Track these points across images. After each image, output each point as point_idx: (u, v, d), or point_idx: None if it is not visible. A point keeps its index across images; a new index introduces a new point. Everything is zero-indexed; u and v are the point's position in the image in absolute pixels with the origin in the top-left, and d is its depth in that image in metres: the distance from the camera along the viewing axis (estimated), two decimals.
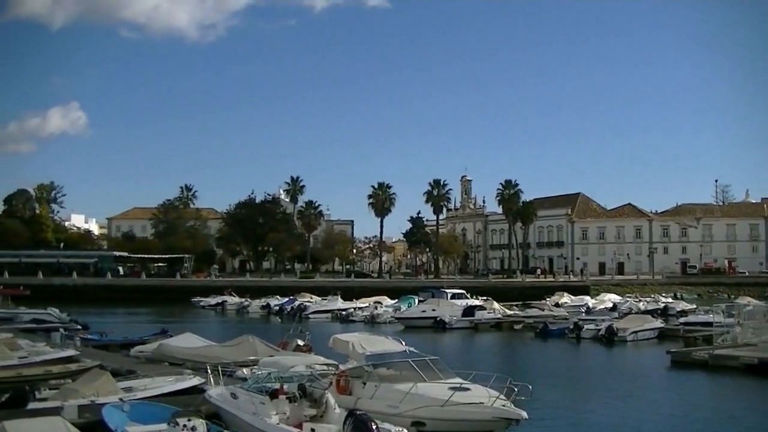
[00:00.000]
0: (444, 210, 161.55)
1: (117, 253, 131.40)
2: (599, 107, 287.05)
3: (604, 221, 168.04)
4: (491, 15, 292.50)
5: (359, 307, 79.99)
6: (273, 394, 20.10)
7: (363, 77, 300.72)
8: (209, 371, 25.23)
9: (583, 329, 57.44)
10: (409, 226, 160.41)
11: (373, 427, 17.55)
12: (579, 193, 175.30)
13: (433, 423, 21.05)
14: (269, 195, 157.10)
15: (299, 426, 19.33)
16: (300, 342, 36.99)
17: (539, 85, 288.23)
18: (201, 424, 18.15)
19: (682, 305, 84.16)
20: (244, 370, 28.51)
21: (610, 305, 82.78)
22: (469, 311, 69.38)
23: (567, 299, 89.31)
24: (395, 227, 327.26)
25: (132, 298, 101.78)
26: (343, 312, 78.98)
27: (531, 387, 21.73)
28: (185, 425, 17.85)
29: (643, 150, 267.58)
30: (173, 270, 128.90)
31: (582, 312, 76.63)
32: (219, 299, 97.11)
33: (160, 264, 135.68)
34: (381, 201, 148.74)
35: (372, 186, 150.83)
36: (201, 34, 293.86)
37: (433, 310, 70.23)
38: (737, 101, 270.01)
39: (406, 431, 19.44)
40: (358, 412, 18.46)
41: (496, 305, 73.46)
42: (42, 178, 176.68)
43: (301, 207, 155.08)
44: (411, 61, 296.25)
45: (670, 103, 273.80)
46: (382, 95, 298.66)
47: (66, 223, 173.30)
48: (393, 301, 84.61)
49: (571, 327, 58.67)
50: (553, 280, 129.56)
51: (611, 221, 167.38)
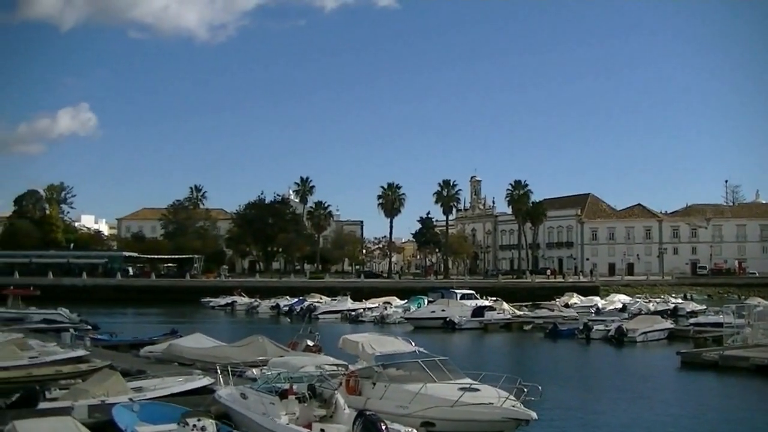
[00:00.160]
0: (453, 210, 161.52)
1: (127, 254, 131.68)
2: (609, 108, 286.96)
3: (613, 222, 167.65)
4: (501, 16, 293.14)
5: (369, 308, 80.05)
6: (283, 394, 20.09)
7: (372, 78, 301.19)
8: (219, 371, 25.25)
9: (593, 330, 57.38)
10: (419, 226, 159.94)
11: (383, 428, 17.54)
12: (589, 194, 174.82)
13: (443, 423, 21.04)
14: (279, 195, 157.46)
15: (309, 426, 19.32)
16: (309, 342, 37.00)
17: (549, 86, 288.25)
18: (211, 424, 18.16)
19: (692, 306, 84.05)
20: (253, 370, 28.54)
21: (619, 306, 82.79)
22: (479, 312, 69.39)
23: (576, 300, 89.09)
24: (405, 228, 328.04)
25: (141, 298, 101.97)
26: (353, 312, 79.09)
27: (540, 387, 21.72)
28: (195, 425, 17.87)
29: (653, 150, 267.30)
30: (183, 270, 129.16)
31: (592, 313, 76.59)
32: (228, 300, 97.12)
33: (169, 264, 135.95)
34: (390, 201, 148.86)
35: (381, 186, 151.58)
36: (210, 34, 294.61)
37: (443, 310, 70.28)
38: (747, 102, 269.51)
39: (415, 431, 19.47)
40: (367, 412, 18.46)
41: (505, 306, 73.40)
42: (52, 178, 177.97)
43: (311, 207, 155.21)
44: (421, 62, 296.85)
45: (680, 104, 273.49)
46: (391, 96, 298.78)
47: (76, 224, 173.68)
48: (402, 302, 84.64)
49: (581, 328, 58.60)
50: (563, 280, 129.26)
51: (621, 222, 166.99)
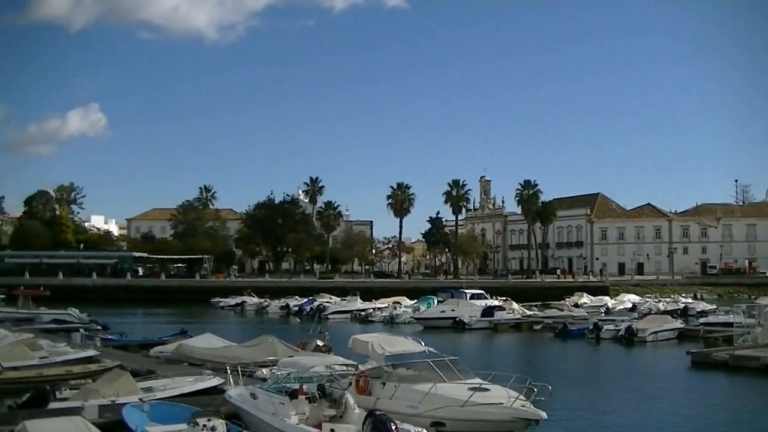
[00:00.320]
0: (463, 210, 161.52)
1: (136, 254, 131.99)
2: (619, 108, 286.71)
3: (623, 221, 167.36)
4: (510, 16, 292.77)
5: (378, 308, 79.97)
6: (292, 394, 20.10)
7: (382, 77, 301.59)
8: (229, 371, 25.30)
9: (603, 330, 57.23)
10: (429, 226, 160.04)
11: (393, 428, 17.54)
12: (598, 194, 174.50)
13: (453, 423, 21.04)
14: (288, 196, 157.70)
15: (318, 426, 19.33)
16: (319, 342, 37.03)
17: (558, 86, 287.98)
18: (221, 424, 18.17)
19: (702, 306, 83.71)
20: (263, 370, 28.56)
21: (629, 306, 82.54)
22: (489, 312, 69.26)
23: (586, 300, 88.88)
24: (414, 227, 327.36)
25: (151, 298, 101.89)
26: (363, 312, 79.04)
27: (550, 387, 21.69)
28: (205, 425, 17.88)
29: (663, 150, 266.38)
30: (192, 271, 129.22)
31: (601, 312, 76.38)
32: (238, 300, 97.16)
33: (179, 265, 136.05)
34: (400, 201, 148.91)
35: (391, 186, 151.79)
36: (220, 35, 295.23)
37: (453, 310, 70.21)
38: (757, 101, 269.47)
39: (425, 431, 19.45)
40: (377, 412, 18.46)
41: (515, 306, 73.25)
42: (62, 179, 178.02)
43: (320, 207, 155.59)
44: (430, 62, 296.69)
45: (690, 103, 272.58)
46: (401, 95, 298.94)
47: (86, 224, 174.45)
48: (412, 302, 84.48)
49: (591, 327, 58.46)
50: (573, 280, 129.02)
51: (631, 221, 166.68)
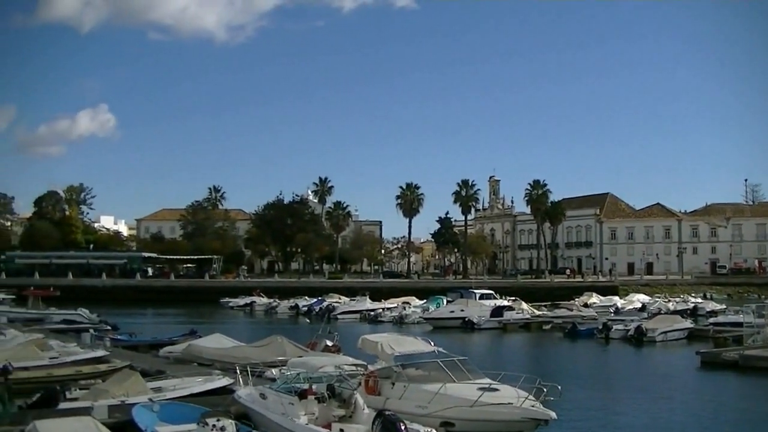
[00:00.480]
0: (472, 210, 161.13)
1: (146, 254, 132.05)
2: (628, 107, 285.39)
3: (632, 221, 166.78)
4: (519, 16, 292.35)
5: (388, 308, 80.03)
6: (302, 394, 20.12)
7: (391, 78, 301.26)
8: (238, 372, 25.34)
9: (612, 329, 57.24)
10: (438, 226, 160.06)
11: (402, 428, 17.55)
12: (607, 193, 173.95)
13: (462, 423, 21.04)
14: (297, 196, 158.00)
15: (328, 426, 19.35)
16: (329, 342, 37.07)
17: (567, 86, 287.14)
18: (230, 424, 18.19)
19: (711, 305, 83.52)
20: (273, 370, 28.59)
21: (638, 305, 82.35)
22: (498, 311, 69.23)
23: (596, 299, 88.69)
24: (423, 227, 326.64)
25: (161, 299, 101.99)
26: (372, 312, 79.07)
27: (560, 387, 21.69)
28: (214, 425, 17.89)
29: (672, 149, 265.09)
30: (202, 271, 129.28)
31: (611, 312, 76.24)
32: (248, 300, 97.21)
33: (188, 265, 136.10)
34: (409, 201, 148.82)
35: (400, 186, 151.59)
36: (229, 35, 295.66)
37: (462, 310, 70.23)
38: (767, 100, 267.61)
39: (435, 431, 19.44)
40: (386, 412, 18.47)
41: (524, 305, 73.17)
42: (71, 179, 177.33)
43: (330, 208, 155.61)
44: (439, 62, 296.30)
45: (699, 103, 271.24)
46: (410, 96, 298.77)
47: (95, 225, 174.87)
48: (421, 302, 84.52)
49: (600, 327, 58.46)
50: (582, 280, 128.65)
51: (640, 221, 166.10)
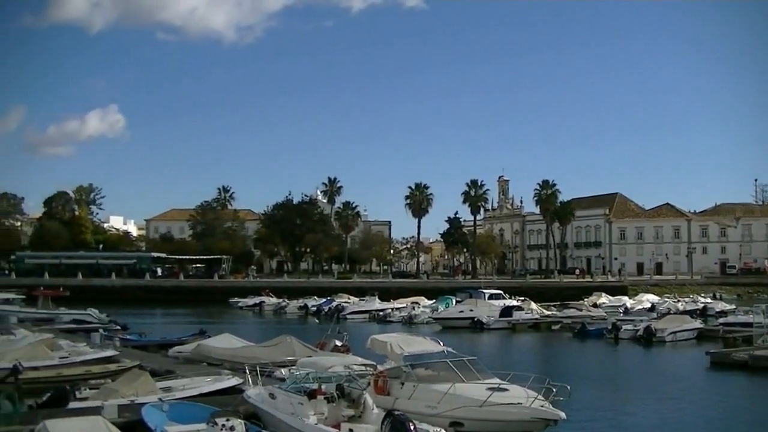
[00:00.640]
0: (481, 210, 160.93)
1: (155, 255, 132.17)
2: (637, 107, 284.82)
3: (642, 221, 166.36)
4: (529, 16, 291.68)
5: (397, 308, 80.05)
6: (311, 394, 20.12)
7: (400, 77, 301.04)
8: (247, 371, 25.37)
9: (622, 330, 57.14)
10: (447, 226, 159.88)
11: (411, 428, 17.54)
12: (617, 193, 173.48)
13: (471, 423, 21.03)
14: (306, 196, 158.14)
15: (337, 426, 19.35)
16: (338, 342, 37.08)
17: (577, 86, 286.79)
18: (239, 424, 18.20)
19: (721, 305, 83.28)
20: (282, 370, 28.64)
21: (648, 306, 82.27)
22: (507, 312, 69.14)
23: (605, 299, 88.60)
24: (433, 228, 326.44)
25: (170, 299, 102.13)
26: (381, 312, 79.07)
27: (569, 387, 21.65)
28: (224, 425, 17.91)
29: (682, 149, 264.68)
30: (211, 271, 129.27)
31: (620, 312, 76.00)
32: (257, 300, 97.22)
33: (198, 265, 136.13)
34: (418, 201, 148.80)
35: (409, 187, 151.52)
36: (238, 36, 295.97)
37: (471, 310, 70.15)
38: None
39: (444, 431, 19.43)
40: (396, 412, 18.48)
41: (533, 306, 73.08)
42: (81, 180, 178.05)
43: (339, 208, 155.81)
44: (448, 62, 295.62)
45: (708, 103, 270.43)
46: (419, 96, 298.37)
47: (105, 225, 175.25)
48: (430, 302, 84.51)
49: (609, 327, 58.33)
50: (591, 280, 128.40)
51: (649, 221, 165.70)
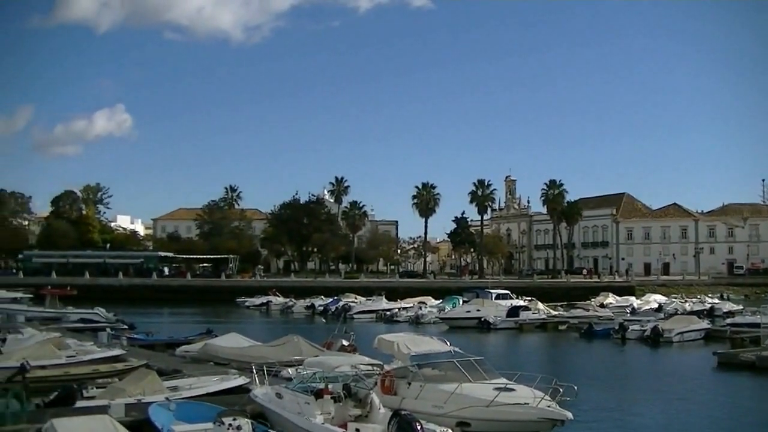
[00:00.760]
0: (489, 210, 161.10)
1: (162, 254, 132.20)
2: (644, 107, 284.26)
3: (649, 221, 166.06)
4: (535, 15, 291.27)
5: (404, 308, 79.98)
6: (318, 393, 20.15)
7: (407, 77, 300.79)
8: (254, 371, 25.35)
9: (629, 330, 57.10)
10: (454, 226, 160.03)
11: (418, 428, 17.56)
12: (624, 193, 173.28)
13: (478, 423, 21.02)
14: (314, 195, 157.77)
15: (344, 426, 19.37)
16: (345, 342, 37.04)
17: (584, 85, 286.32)
18: (246, 423, 18.23)
19: (728, 306, 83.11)
20: (289, 369, 28.63)
21: (655, 306, 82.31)
22: (514, 312, 69.12)
23: (612, 300, 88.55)
24: (440, 227, 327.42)
25: (177, 298, 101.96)
26: (388, 312, 78.99)
27: (576, 388, 21.68)
28: (230, 424, 17.93)
29: (689, 149, 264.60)
30: (218, 270, 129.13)
31: (627, 313, 75.99)
32: (264, 299, 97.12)
33: (205, 264, 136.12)
34: (425, 201, 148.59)
35: (416, 186, 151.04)
36: (245, 35, 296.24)
37: (478, 310, 70.10)
38: None
39: (450, 431, 19.43)
40: (403, 412, 18.48)
41: (540, 306, 73.12)
42: (88, 179, 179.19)
43: (346, 207, 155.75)
44: (455, 61, 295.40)
45: (716, 102, 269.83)
46: (426, 95, 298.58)
47: (112, 224, 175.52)
48: (437, 302, 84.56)
49: (617, 328, 58.29)
50: (598, 280, 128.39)
51: (656, 221, 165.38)
